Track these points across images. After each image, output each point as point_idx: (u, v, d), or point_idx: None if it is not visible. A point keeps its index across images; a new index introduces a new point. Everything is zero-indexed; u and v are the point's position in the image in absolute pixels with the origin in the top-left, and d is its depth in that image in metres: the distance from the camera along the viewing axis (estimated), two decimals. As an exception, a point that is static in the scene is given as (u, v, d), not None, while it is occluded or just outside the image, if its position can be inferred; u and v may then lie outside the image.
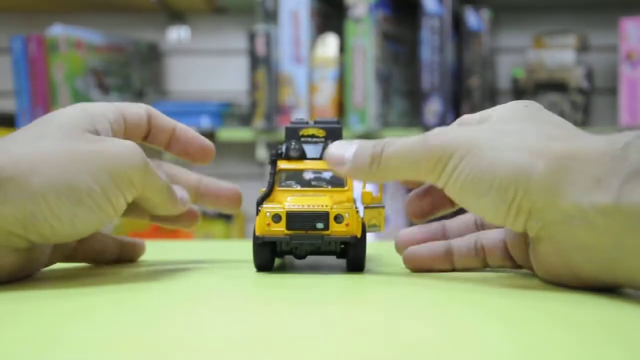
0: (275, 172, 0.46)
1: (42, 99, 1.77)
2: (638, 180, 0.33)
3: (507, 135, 0.38)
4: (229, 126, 1.72)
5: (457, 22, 1.63)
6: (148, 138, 0.47)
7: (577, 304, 0.36)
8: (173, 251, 0.62)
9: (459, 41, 1.64)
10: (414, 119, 1.70)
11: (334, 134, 0.48)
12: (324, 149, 0.47)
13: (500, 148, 0.38)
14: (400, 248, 0.47)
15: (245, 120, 1.74)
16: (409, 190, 0.49)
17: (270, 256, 0.45)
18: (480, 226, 0.47)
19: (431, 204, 0.47)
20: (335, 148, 0.43)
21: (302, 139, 0.48)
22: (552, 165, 0.36)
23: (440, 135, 0.40)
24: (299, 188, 0.46)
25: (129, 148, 0.41)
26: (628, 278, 0.36)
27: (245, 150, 1.78)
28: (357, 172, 0.43)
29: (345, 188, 0.46)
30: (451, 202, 0.46)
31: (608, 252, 0.35)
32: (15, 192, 0.37)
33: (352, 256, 0.45)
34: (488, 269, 0.46)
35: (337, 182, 0.47)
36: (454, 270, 0.46)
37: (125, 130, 0.45)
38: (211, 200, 0.50)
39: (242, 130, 1.70)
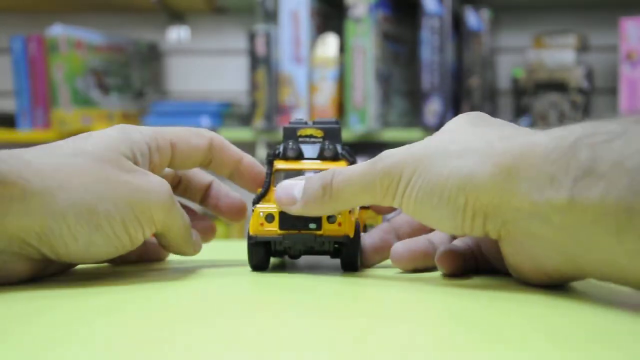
0: (271, 172, 0.46)
1: (42, 99, 1.77)
2: (588, 178, 0.33)
3: (452, 143, 0.38)
4: (229, 126, 1.72)
5: (457, 22, 1.63)
6: (210, 166, 0.48)
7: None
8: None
9: (459, 41, 1.64)
10: (414, 119, 1.70)
11: (332, 134, 0.48)
12: (321, 149, 0.47)
13: (446, 157, 0.38)
14: (397, 261, 0.46)
15: (245, 120, 1.74)
16: None
17: (264, 256, 0.45)
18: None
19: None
20: (282, 190, 0.43)
21: (300, 139, 0.48)
22: (501, 165, 0.36)
23: (390, 157, 0.40)
24: None
25: (157, 185, 0.41)
26: (592, 270, 0.36)
27: (245, 150, 1.77)
28: (310, 207, 0.42)
29: None
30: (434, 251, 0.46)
31: (568, 248, 0.35)
32: (38, 207, 0.38)
33: (345, 256, 0.45)
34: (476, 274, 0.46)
35: None
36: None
37: (173, 159, 0.45)
38: (215, 210, 0.51)
39: (242, 130, 1.70)
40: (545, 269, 0.38)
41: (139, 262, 0.50)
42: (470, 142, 0.38)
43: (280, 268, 0.48)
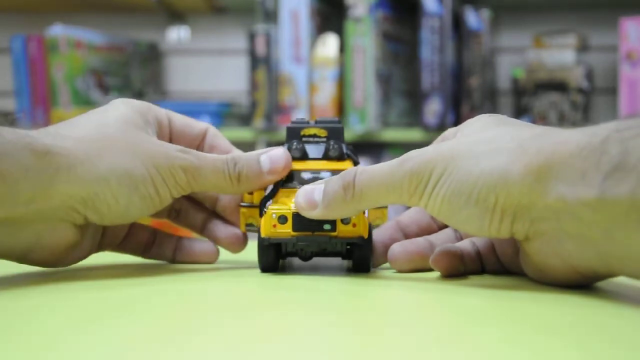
0: None
1: (42, 99, 1.77)
2: (619, 173, 0.33)
3: (481, 143, 0.38)
4: (229, 126, 1.72)
5: (457, 22, 1.63)
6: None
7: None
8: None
9: (459, 41, 1.64)
10: (414, 119, 1.70)
11: (336, 133, 0.48)
12: (326, 149, 0.47)
13: (475, 157, 0.38)
14: (394, 261, 0.46)
15: (245, 120, 1.74)
16: None
17: (275, 257, 0.45)
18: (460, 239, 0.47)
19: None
20: (302, 195, 0.43)
21: (304, 139, 0.48)
22: (532, 165, 0.36)
23: (418, 157, 0.40)
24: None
25: (176, 151, 0.45)
26: (622, 268, 0.36)
27: (246, 150, 1.78)
28: (332, 209, 0.42)
29: None
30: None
31: (600, 245, 0.35)
32: (84, 174, 0.41)
33: (358, 257, 0.45)
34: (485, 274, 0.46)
35: None
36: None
37: (170, 135, 0.49)
38: (214, 241, 0.51)
39: (242, 130, 1.70)
40: (577, 267, 0.37)
41: (180, 261, 0.51)
42: (500, 142, 0.38)
43: (288, 269, 0.48)
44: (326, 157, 0.47)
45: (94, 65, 1.77)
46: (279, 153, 0.47)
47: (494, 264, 0.45)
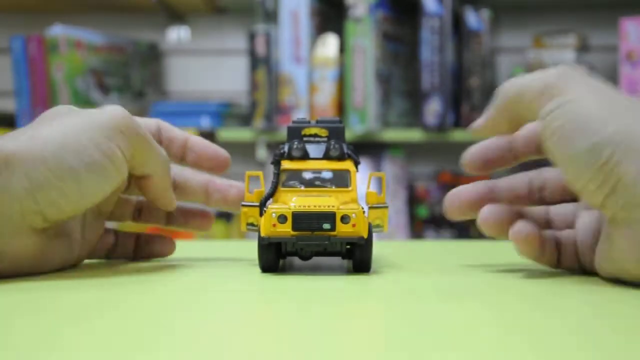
0: (279, 172, 0.46)
1: (42, 99, 1.77)
2: None
3: (609, 99, 0.39)
4: (229, 126, 1.72)
5: (457, 22, 1.63)
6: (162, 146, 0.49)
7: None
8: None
9: (459, 41, 1.64)
10: (414, 119, 1.70)
11: (337, 133, 0.48)
12: (327, 148, 0.47)
13: (608, 105, 0.38)
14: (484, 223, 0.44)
15: (245, 120, 1.74)
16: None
17: (275, 257, 0.45)
18: (537, 190, 0.46)
19: (495, 155, 0.46)
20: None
21: (305, 139, 0.48)
22: None
23: (560, 71, 0.41)
24: (302, 188, 0.46)
25: (111, 108, 0.44)
26: None
27: (246, 150, 1.78)
28: (486, 117, 0.44)
29: (350, 188, 0.46)
30: (514, 157, 0.45)
31: None
32: (19, 163, 0.39)
33: (358, 257, 0.45)
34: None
35: (340, 183, 0.46)
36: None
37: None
38: (219, 202, 0.51)
39: (242, 130, 1.70)
40: None
41: (140, 258, 0.51)
42: (628, 104, 0.38)
43: (288, 269, 0.48)
44: (327, 156, 0.47)
45: (94, 65, 1.77)
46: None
47: (571, 255, 0.44)
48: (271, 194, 0.45)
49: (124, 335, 0.29)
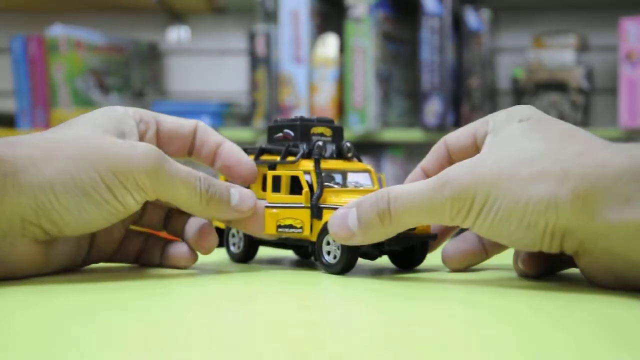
0: (321, 172, 0.46)
1: (42, 99, 1.77)
2: None
3: (522, 165, 0.38)
4: (229, 126, 1.72)
5: (457, 22, 1.63)
6: (193, 153, 0.49)
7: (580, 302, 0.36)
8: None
9: (459, 41, 1.64)
10: (414, 119, 1.70)
11: (339, 133, 0.49)
12: (339, 148, 0.48)
13: (521, 182, 0.38)
14: (450, 261, 0.47)
15: (245, 120, 1.74)
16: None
17: (356, 257, 0.45)
18: None
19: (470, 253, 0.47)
20: (336, 224, 0.42)
21: (313, 137, 0.48)
22: (578, 190, 0.37)
23: (457, 180, 0.39)
24: (338, 188, 0.47)
25: (140, 150, 0.42)
26: None
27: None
28: (370, 236, 0.42)
29: (375, 187, 0.48)
30: (484, 250, 0.47)
31: None
32: (28, 180, 0.39)
33: (420, 254, 0.47)
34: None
35: (363, 182, 0.48)
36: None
37: (159, 134, 0.47)
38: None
39: (242, 130, 1.70)
40: (628, 282, 0.38)
41: (165, 266, 0.49)
42: (542, 164, 0.38)
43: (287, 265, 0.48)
44: (342, 156, 0.48)
45: (94, 65, 1.77)
46: (249, 193, 0.46)
47: (560, 261, 0.45)
48: (320, 195, 0.45)
49: (136, 335, 0.29)
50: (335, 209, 0.44)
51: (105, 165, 0.41)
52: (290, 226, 0.46)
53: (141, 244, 0.49)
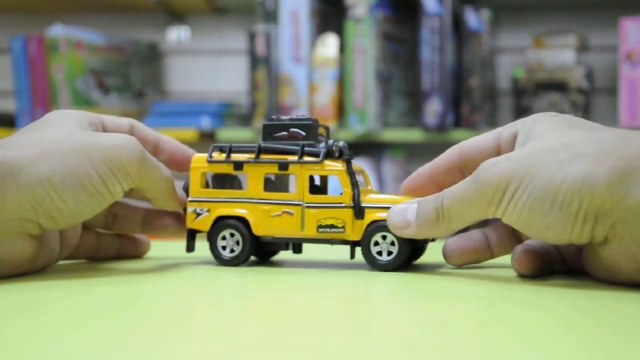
0: (354, 172, 0.47)
1: (42, 99, 1.77)
2: None
3: (560, 150, 0.39)
4: (229, 126, 1.72)
5: (457, 22, 1.63)
6: None
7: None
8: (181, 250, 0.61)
9: (459, 41, 1.64)
10: (414, 119, 1.70)
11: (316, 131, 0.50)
12: (328, 149, 0.48)
13: (557, 163, 0.38)
14: (450, 257, 0.47)
15: (245, 120, 1.74)
16: None
17: (408, 254, 0.46)
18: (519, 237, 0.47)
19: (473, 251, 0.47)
20: (395, 213, 0.44)
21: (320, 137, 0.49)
22: (616, 168, 0.37)
23: (492, 168, 0.40)
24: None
25: (126, 141, 0.44)
26: None
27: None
28: (424, 230, 0.44)
29: (369, 187, 0.50)
30: (490, 250, 0.47)
31: None
32: (27, 178, 0.41)
33: (422, 245, 0.48)
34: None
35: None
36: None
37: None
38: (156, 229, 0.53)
39: (242, 130, 1.70)
40: None
41: (120, 258, 0.53)
42: (580, 146, 0.38)
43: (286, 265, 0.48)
44: (332, 156, 0.48)
45: (94, 65, 1.77)
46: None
47: (560, 262, 0.45)
48: (359, 194, 0.46)
49: (125, 332, 0.29)
50: (373, 208, 0.45)
51: (98, 157, 0.43)
52: (332, 226, 0.46)
53: (94, 239, 0.51)
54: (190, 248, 0.50)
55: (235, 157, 0.48)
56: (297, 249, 0.51)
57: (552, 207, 0.38)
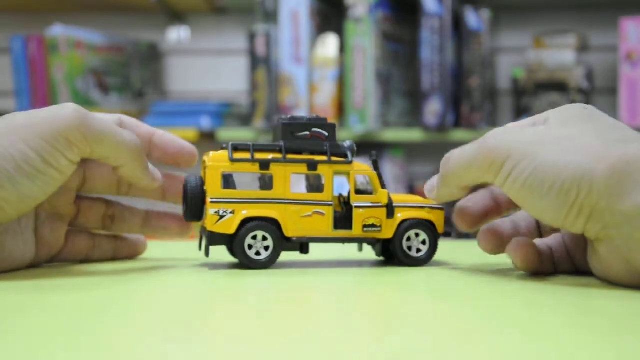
0: (381, 174, 0.48)
1: (42, 99, 1.77)
2: None
3: (566, 139, 0.39)
4: (229, 126, 1.71)
5: (457, 22, 1.63)
6: None
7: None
8: (184, 250, 0.61)
9: (459, 41, 1.64)
10: (414, 119, 1.70)
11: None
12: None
13: (561, 151, 0.39)
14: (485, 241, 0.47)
15: (245, 120, 1.74)
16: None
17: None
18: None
19: (482, 210, 0.47)
20: (429, 182, 0.47)
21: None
22: (614, 168, 0.37)
23: (500, 136, 0.41)
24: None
25: (61, 108, 0.42)
26: None
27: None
28: (441, 193, 0.45)
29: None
30: (498, 210, 0.47)
31: None
32: None
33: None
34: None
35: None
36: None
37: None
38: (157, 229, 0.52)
39: (242, 130, 1.70)
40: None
41: (116, 259, 0.52)
42: (586, 140, 0.39)
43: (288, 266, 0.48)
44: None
45: (94, 65, 1.77)
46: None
47: (567, 262, 0.45)
48: (389, 195, 0.48)
49: (126, 331, 0.29)
50: (401, 207, 0.47)
51: (31, 133, 0.41)
52: (373, 225, 0.47)
53: (87, 240, 0.50)
54: (208, 252, 0.47)
55: (259, 156, 0.46)
56: (305, 250, 0.50)
57: (551, 190, 0.38)
